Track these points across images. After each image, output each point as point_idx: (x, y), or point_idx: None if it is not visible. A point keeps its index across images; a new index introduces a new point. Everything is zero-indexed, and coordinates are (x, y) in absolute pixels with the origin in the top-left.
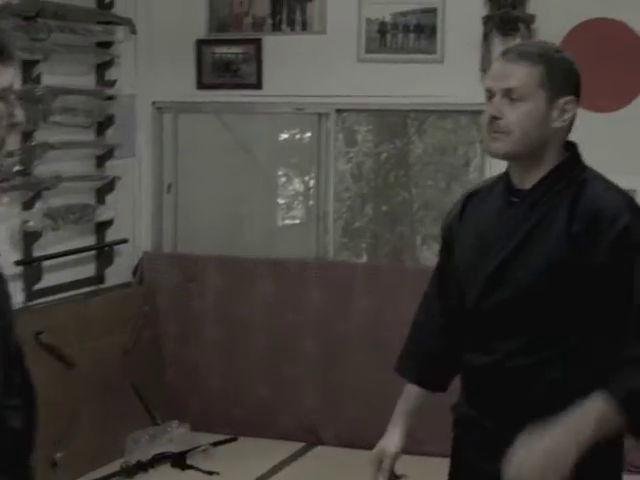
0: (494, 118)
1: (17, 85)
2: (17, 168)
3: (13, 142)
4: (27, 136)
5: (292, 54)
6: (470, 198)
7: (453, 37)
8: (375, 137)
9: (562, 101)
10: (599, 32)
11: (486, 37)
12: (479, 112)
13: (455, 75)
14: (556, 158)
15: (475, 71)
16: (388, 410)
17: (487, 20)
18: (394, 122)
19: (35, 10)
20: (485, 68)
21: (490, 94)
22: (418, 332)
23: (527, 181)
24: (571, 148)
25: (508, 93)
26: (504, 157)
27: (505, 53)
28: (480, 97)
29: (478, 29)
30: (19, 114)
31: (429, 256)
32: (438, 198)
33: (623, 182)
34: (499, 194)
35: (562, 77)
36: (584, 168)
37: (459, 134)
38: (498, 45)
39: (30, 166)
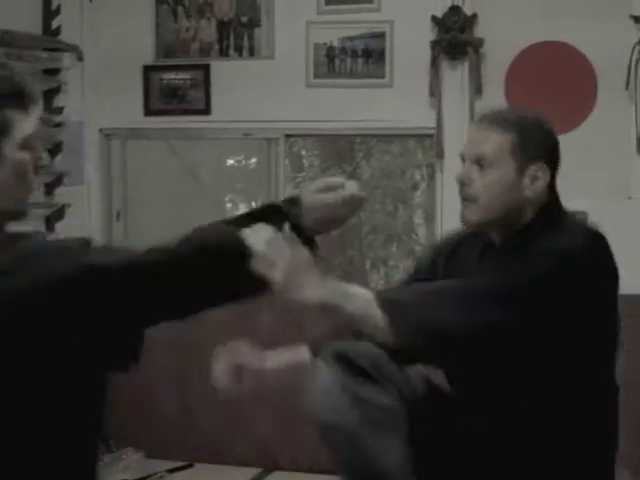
0: (462, 184)
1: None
2: None
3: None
4: None
5: (240, 79)
6: (460, 244)
7: (402, 61)
8: (322, 162)
9: (533, 168)
10: (548, 55)
11: (434, 61)
12: (427, 136)
13: (404, 99)
14: (533, 220)
15: (424, 95)
16: None
17: (435, 44)
18: (341, 147)
19: None
20: (434, 92)
21: (463, 160)
22: None
23: (494, 237)
24: (550, 202)
25: (478, 160)
26: (475, 227)
27: (480, 119)
28: (429, 121)
29: (427, 53)
30: (44, 157)
31: (378, 279)
32: (386, 222)
33: (574, 204)
34: (477, 250)
35: (534, 144)
36: (561, 219)
37: (406, 158)
38: (446, 69)
39: None
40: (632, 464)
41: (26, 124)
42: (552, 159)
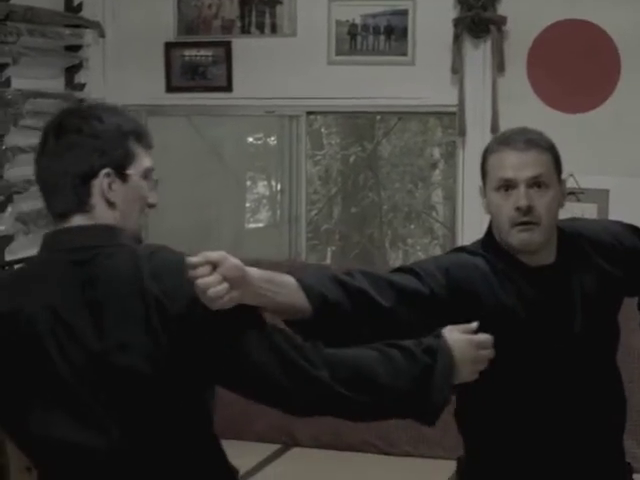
0: (529, 208)
1: None
2: None
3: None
4: None
5: (262, 57)
6: (449, 272)
7: (424, 39)
8: (342, 140)
9: (563, 182)
10: (571, 33)
11: (457, 39)
12: (447, 114)
13: (426, 77)
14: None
15: (446, 73)
16: None
17: (458, 22)
18: (361, 124)
19: (4, 13)
20: (456, 70)
21: (509, 185)
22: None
23: (548, 258)
24: None
25: (535, 181)
26: (537, 248)
27: (509, 143)
28: (450, 99)
29: (449, 31)
30: (154, 196)
31: (397, 257)
32: (406, 200)
33: (596, 183)
34: (507, 276)
35: (559, 159)
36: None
37: (426, 136)
38: (469, 47)
39: (1, 170)
40: None
41: (147, 159)
42: None
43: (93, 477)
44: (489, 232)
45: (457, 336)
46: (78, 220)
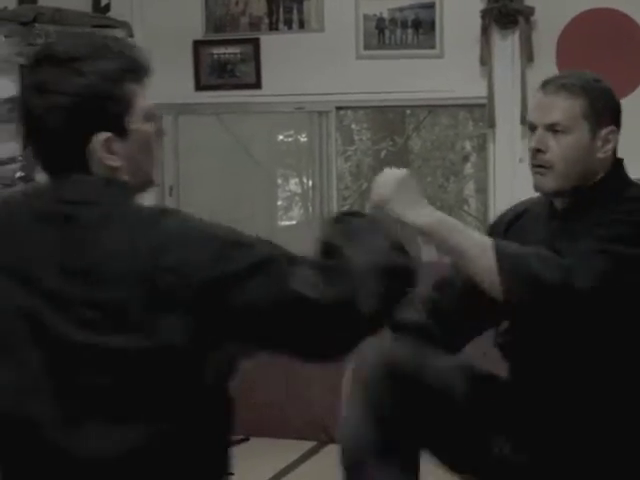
0: (538, 151)
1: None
2: (19, 174)
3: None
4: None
5: (290, 53)
6: (520, 215)
7: (452, 31)
8: (373, 135)
9: (604, 131)
10: (599, 22)
11: (485, 31)
12: (478, 106)
13: (454, 70)
14: (607, 182)
15: (475, 65)
16: None
17: (485, 13)
18: (391, 119)
19: (32, 15)
20: (485, 61)
21: (532, 127)
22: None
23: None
24: (616, 167)
25: (551, 126)
26: (551, 194)
27: (544, 85)
28: (479, 91)
29: (477, 23)
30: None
31: (431, 251)
32: (437, 194)
33: (630, 170)
34: (543, 219)
35: (603, 108)
36: (628, 186)
37: (457, 129)
38: (497, 38)
39: (32, 172)
40: None
41: (144, 98)
42: (618, 122)
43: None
44: None
45: None
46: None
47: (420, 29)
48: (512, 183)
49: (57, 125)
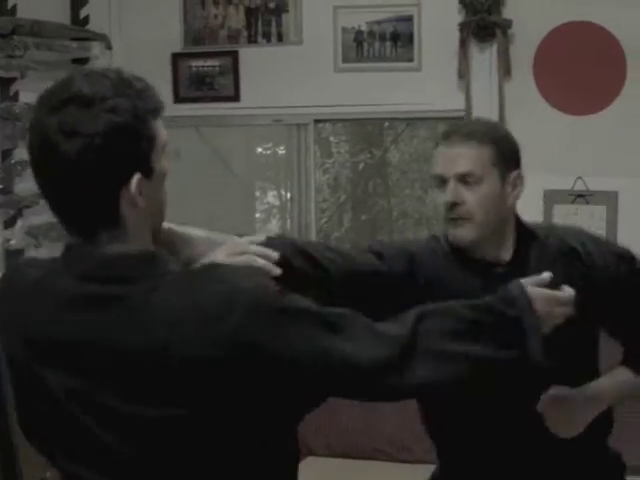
0: (454, 204)
1: None
2: None
3: None
4: (6, 154)
5: (269, 66)
6: (415, 257)
7: (430, 45)
8: (351, 147)
9: (512, 176)
10: (577, 35)
11: (463, 44)
12: (456, 119)
13: (432, 82)
14: (514, 227)
15: (453, 78)
16: (380, 419)
17: (463, 27)
18: (370, 132)
19: (10, 27)
20: (463, 74)
21: (442, 180)
22: None
23: (501, 254)
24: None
25: (463, 177)
26: (470, 244)
27: (447, 137)
28: (457, 104)
29: (455, 36)
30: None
31: None
32: (416, 206)
33: (605, 185)
34: (463, 269)
35: (509, 152)
36: (526, 225)
37: (435, 141)
38: (475, 51)
39: (11, 184)
40: None
41: (162, 130)
42: (520, 165)
43: None
44: None
45: (535, 290)
46: (106, 239)
47: (398, 42)
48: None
49: (92, 169)
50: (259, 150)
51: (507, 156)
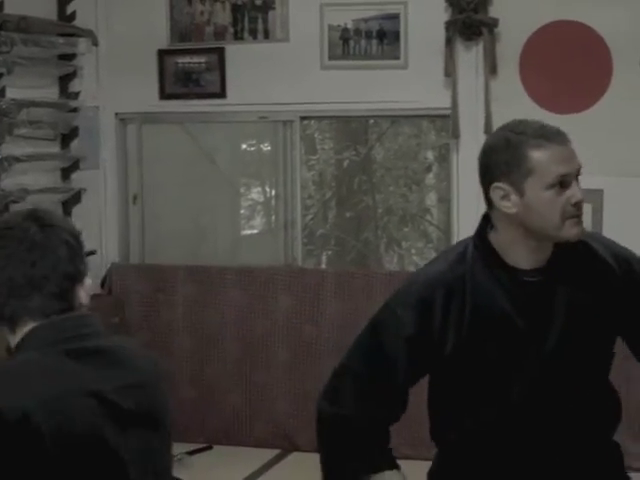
0: (579, 202)
1: None
2: None
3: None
4: None
5: (255, 63)
6: (448, 292)
7: (416, 43)
8: (336, 144)
9: None
10: (562, 34)
11: (449, 42)
12: (441, 117)
13: (419, 80)
14: None
15: (439, 76)
16: None
17: (449, 25)
18: (355, 129)
19: None
20: (449, 73)
21: (564, 179)
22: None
23: (537, 260)
24: None
25: (577, 174)
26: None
27: (551, 136)
28: (443, 102)
29: (441, 34)
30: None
31: (393, 260)
32: (400, 203)
33: (590, 183)
34: (495, 278)
35: None
36: None
37: (420, 139)
38: (461, 49)
39: None
40: None
41: None
42: None
43: None
44: (483, 234)
45: None
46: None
47: (384, 40)
48: (475, 193)
49: None
50: (244, 147)
51: None
